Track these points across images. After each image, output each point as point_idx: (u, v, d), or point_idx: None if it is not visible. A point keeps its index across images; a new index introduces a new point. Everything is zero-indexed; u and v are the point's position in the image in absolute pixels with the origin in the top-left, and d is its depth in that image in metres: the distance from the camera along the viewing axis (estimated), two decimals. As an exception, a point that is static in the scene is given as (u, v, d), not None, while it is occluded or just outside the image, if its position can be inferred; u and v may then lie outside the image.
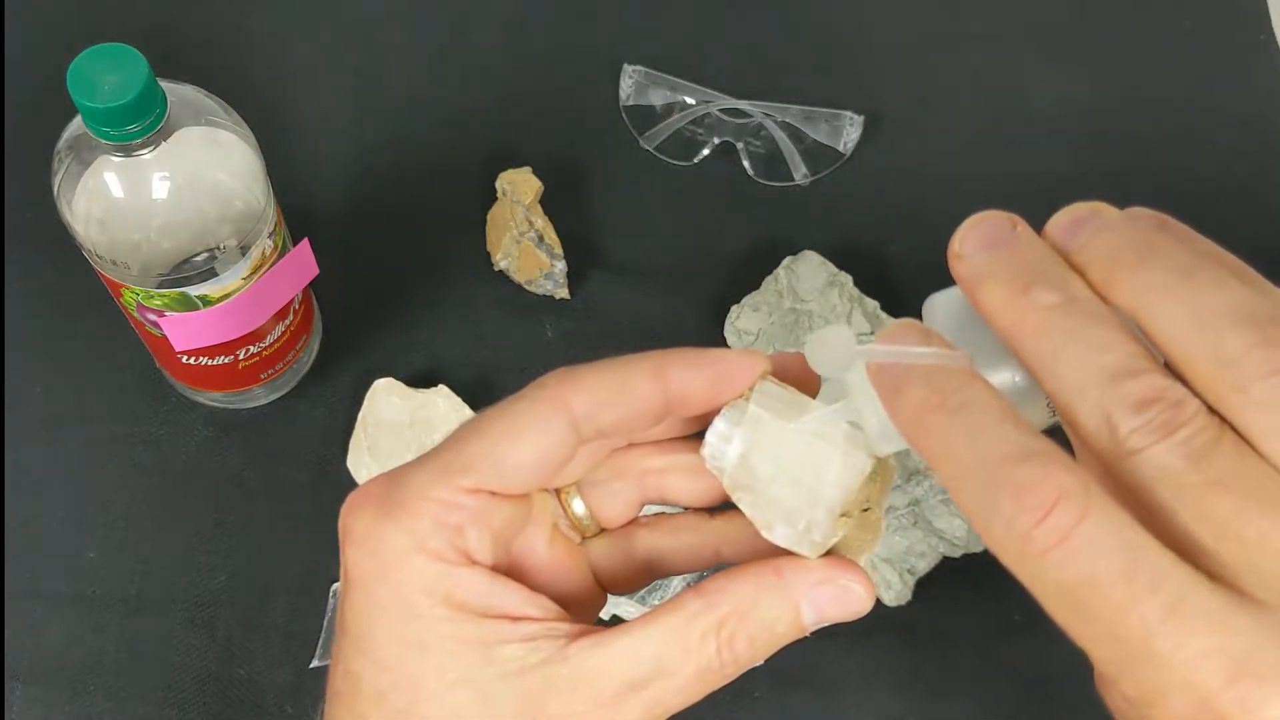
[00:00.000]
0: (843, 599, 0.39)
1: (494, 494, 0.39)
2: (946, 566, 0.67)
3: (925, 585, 0.67)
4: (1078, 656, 0.32)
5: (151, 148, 0.56)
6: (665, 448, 0.43)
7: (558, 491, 0.43)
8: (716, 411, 0.40)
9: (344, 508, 0.40)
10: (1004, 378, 0.37)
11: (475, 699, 0.38)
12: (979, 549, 0.66)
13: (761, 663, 0.39)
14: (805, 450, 0.39)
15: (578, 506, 0.43)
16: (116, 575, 0.67)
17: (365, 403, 0.70)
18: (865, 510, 0.39)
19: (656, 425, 0.41)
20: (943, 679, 0.66)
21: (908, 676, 0.66)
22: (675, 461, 0.43)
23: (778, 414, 0.39)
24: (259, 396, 0.70)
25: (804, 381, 0.41)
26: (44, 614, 0.66)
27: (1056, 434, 0.34)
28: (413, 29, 0.82)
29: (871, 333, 0.71)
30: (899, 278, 0.74)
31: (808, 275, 0.72)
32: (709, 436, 0.40)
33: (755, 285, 0.73)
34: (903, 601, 0.66)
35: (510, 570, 0.41)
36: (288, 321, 0.67)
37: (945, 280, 0.81)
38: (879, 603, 0.66)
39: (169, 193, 0.57)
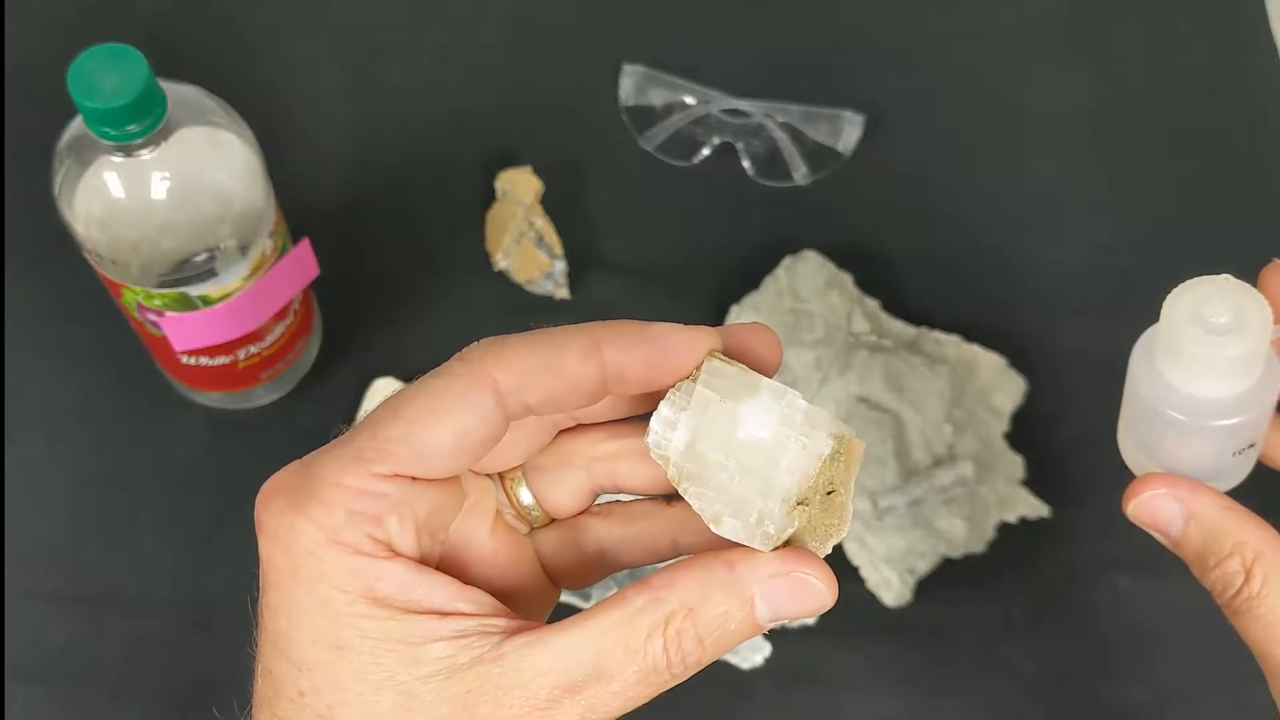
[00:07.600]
0: (800, 593, 0.36)
1: (415, 479, 0.36)
2: (946, 566, 0.67)
3: (925, 585, 0.66)
4: (1077, 656, 0.32)
5: (152, 148, 0.56)
6: (615, 431, 0.40)
7: (502, 478, 0.41)
8: (668, 388, 0.37)
9: (258, 498, 0.37)
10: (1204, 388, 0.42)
11: (399, 702, 0.35)
12: (979, 549, 0.66)
13: (761, 659, 0.37)
14: (758, 434, 0.36)
15: (524, 495, 0.40)
16: (116, 575, 0.67)
17: (365, 403, 0.70)
18: (829, 493, 0.37)
19: (596, 403, 0.38)
20: (943, 679, 0.66)
21: (908, 676, 0.66)
22: (625, 446, 0.40)
23: (728, 395, 0.36)
24: (259, 396, 0.70)
25: (758, 357, 0.38)
26: (44, 614, 0.66)
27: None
28: (413, 29, 0.82)
29: (872, 332, 0.71)
30: (899, 278, 0.74)
31: (808, 275, 0.72)
32: (653, 422, 0.37)
33: (755, 285, 0.73)
34: (903, 601, 0.66)
35: (444, 562, 0.38)
36: (288, 321, 0.67)
37: (943, 278, 0.81)
38: (879, 603, 0.66)
39: (169, 193, 0.57)
